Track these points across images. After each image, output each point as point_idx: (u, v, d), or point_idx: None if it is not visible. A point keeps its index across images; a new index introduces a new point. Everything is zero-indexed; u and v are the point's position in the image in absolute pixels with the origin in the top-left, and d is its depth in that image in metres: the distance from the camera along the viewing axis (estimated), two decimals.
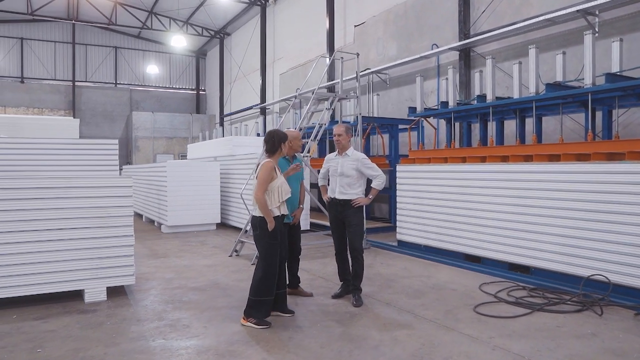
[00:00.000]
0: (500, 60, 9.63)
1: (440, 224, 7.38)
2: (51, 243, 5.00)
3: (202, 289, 5.77)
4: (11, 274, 4.84)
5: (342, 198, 5.23)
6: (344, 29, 15.04)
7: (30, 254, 4.92)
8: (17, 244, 4.86)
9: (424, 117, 8.49)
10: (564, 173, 5.63)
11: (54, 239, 5.01)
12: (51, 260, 5.00)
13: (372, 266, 6.94)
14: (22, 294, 4.90)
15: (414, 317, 4.59)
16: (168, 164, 10.63)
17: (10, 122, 14.71)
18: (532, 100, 6.51)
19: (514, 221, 6.19)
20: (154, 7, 22.58)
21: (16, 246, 4.86)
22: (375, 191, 5.23)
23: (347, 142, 5.38)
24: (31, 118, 17.59)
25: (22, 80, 24.07)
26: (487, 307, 4.87)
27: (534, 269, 6.00)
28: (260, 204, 4.48)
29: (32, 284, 4.93)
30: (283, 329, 4.30)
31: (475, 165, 6.82)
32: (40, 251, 4.95)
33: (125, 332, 4.24)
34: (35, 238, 4.93)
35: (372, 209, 13.07)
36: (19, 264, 4.87)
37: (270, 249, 4.51)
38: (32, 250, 4.92)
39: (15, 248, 4.86)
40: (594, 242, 5.29)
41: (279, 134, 4.70)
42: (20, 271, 4.88)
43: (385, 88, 13.04)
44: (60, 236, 5.04)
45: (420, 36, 11.82)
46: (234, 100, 24.21)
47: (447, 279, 6.11)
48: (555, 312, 4.68)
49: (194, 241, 9.41)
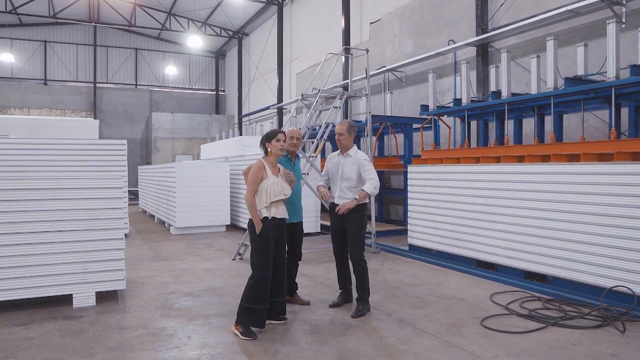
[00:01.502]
0: (520, 56, 9.14)
1: (452, 227, 6.98)
2: (37, 246, 4.83)
3: (196, 294, 5.52)
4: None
5: (341, 202, 4.89)
6: (360, 26, 14.68)
7: (15, 257, 4.75)
8: (1, 247, 4.70)
9: (436, 115, 8.08)
10: (584, 174, 5.18)
11: (40, 241, 4.84)
12: (37, 263, 4.82)
13: (378, 272, 6.59)
14: (5, 298, 4.73)
15: (413, 331, 4.23)
16: (176, 165, 10.49)
17: (32, 124, 14.88)
18: (550, 96, 6.05)
19: (530, 226, 5.75)
20: (173, 8, 22.64)
21: (0, 249, 4.70)
22: (364, 194, 4.71)
23: (350, 142, 5.00)
24: (52, 119, 17.81)
25: (45, 82, 24.48)
26: (496, 320, 4.47)
27: (551, 278, 5.56)
28: (248, 205, 4.27)
29: (16, 288, 4.76)
30: (271, 342, 4.00)
31: (489, 166, 6.40)
32: (25, 254, 4.78)
33: (105, 342, 4.01)
34: (20, 241, 4.77)
35: (388, 211, 12.69)
36: (3, 267, 4.71)
37: (262, 253, 4.25)
38: (17, 254, 4.75)
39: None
40: (617, 250, 4.83)
41: (266, 134, 4.47)
42: (5, 275, 4.71)
43: (401, 86, 12.63)
44: (47, 239, 4.86)
45: (437, 32, 11.38)
46: (252, 100, 24.10)
47: (457, 288, 5.72)
48: (572, 328, 4.25)
49: (200, 243, 9.22)
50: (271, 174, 4.36)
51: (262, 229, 4.22)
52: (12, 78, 23.96)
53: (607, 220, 4.91)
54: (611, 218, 4.88)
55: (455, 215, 6.91)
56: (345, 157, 4.97)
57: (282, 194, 4.36)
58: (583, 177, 5.18)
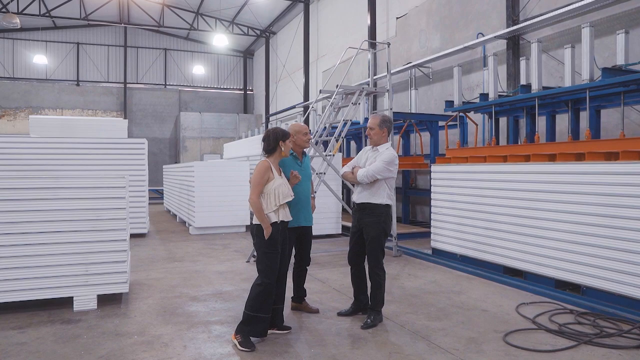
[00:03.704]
0: (554, 48, 8.56)
1: (477, 231, 6.51)
2: (37, 247, 4.68)
3: (202, 299, 5.29)
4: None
5: (360, 201, 4.53)
6: (386, 22, 14.25)
7: (15, 259, 4.62)
8: (1, 248, 4.57)
9: (462, 111, 7.60)
10: (622, 174, 4.65)
11: (41, 242, 4.69)
12: (36, 265, 4.68)
13: (397, 278, 6.21)
14: (3, 300, 4.61)
15: (427, 346, 3.85)
16: (195, 164, 10.35)
17: (63, 124, 15.13)
18: (586, 89, 5.52)
19: (563, 230, 5.25)
20: (200, 8, 22.71)
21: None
22: (348, 175, 4.52)
23: (382, 137, 4.53)
24: (83, 119, 18.08)
25: (77, 83, 25.02)
26: (521, 336, 4.04)
27: (585, 288, 5.05)
28: (255, 209, 3.96)
29: (13, 290, 4.62)
30: (269, 354, 3.70)
31: (518, 165, 5.91)
32: (25, 255, 4.64)
33: (96, 349, 3.80)
34: (20, 241, 4.63)
35: (414, 212, 12.22)
36: (3, 269, 4.58)
37: (269, 259, 3.96)
38: (16, 255, 4.62)
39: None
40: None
41: (277, 132, 4.14)
42: (4, 276, 4.58)
43: (428, 83, 12.15)
44: (48, 240, 4.71)
45: (465, 25, 10.85)
46: (279, 99, 23.95)
47: (480, 297, 5.28)
48: (608, 347, 3.77)
49: (217, 244, 9.02)
50: (277, 175, 4.07)
51: (271, 233, 3.94)
52: (47, 79, 24.59)
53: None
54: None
55: (481, 217, 6.45)
56: (374, 151, 4.59)
57: (289, 196, 4.07)
58: (621, 178, 4.65)
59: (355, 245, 4.56)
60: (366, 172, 4.35)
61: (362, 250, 4.52)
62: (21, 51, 24.23)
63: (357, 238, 4.54)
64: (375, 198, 4.41)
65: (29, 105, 24.19)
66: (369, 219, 4.39)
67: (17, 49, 24.17)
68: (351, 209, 4.79)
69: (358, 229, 4.52)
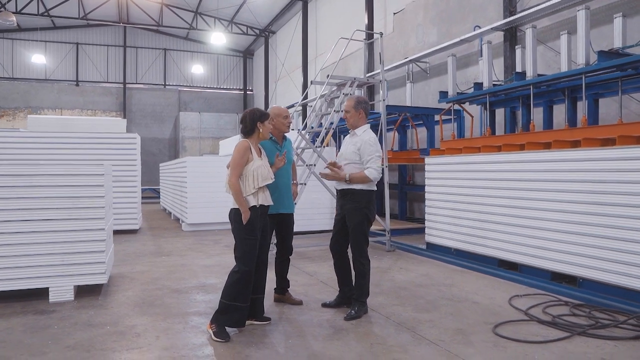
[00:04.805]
0: (552, 39, 8.36)
1: (472, 223, 6.31)
2: (12, 236, 4.52)
3: (184, 291, 5.11)
4: None
5: (341, 188, 4.34)
6: (384, 18, 14.08)
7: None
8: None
9: (457, 102, 7.41)
10: (619, 160, 4.45)
11: (16, 231, 4.52)
12: (11, 254, 4.51)
13: (388, 271, 6.01)
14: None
15: (412, 337, 3.65)
16: (188, 159, 10.19)
17: (63, 123, 15.02)
18: (581, 74, 5.32)
19: (558, 221, 5.05)
20: (199, 7, 22.60)
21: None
22: (361, 176, 4.11)
23: (358, 120, 4.35)
24: (82, 119, 17.99)
25: (77, 84, 24.94)
26: (512, 327, 3.84)
27: (582, 280, 4.85)
28: (233, 191, 3.78)
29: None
30: (244, 345, 3.52)
31: (512, 154, 5.72)
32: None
33: (65, 339, 3.63)
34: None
35: (412, 209, 12.01)
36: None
37: (247, 246, 3.80)
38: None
39: None
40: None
41: (254, 112, 3.97)
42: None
43: (425, 78, 11.95)
44: (22, 228, 4.55)
45: (462, 19, 10.66)
46: (279, 98, 23.78)
47: (472, 289, 5.08)
48: (603, 338, 3.57)
49: (208, 240, 8.85)
50: (257, 156, 3.89)
51: (249, 218, 3.76)
52: (46, 80, 24.52)
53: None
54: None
55: (475, 210, 6.25)
56: (352, 136, 4.40)
57: (269, 178, 3.89)
58: (619, 163, 4.45)
59: (338, 233, 4.37)
60: (374, 170, 4.13)
61: (345, 238, 4.33)
62: (20, 51, 24.19)
63: (340, 225, 4.35)
64: (357, 184, 4.23)
65: (29, 105, 24.13)
66: (350, 205, 4.21)
67: (16, 49, 24.12)
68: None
69: (341, 217, 4.33)
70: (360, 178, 4.15)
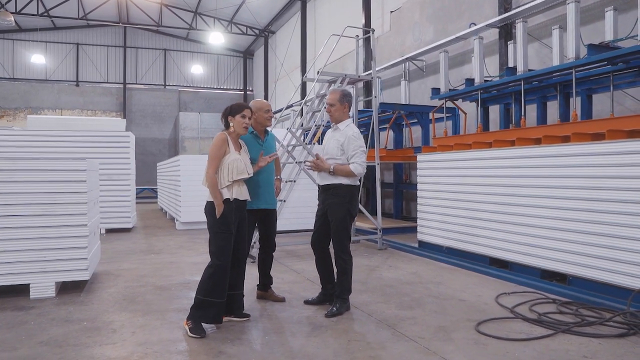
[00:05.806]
0: (547, 35, 8.24)
1: (463, 221, 6.23)
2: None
3: (167, 288, 5.05)
4: None
5: (324, 183, 4.27)
6: (381, 17, 14.02)
7: None
8: None
9: (448, 98, 7.32)
10: (611, 154, 4.36)
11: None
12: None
13: (376, 269, 5.94)
14: None
15: (392, 335, 3.57)
16: (182, 157, 10.14)
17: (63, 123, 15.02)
18: (572, 67, 5.23)
19: (548, 217, 4.96)
20: (198, 8, 22.61)
21: None
22: (345, 169, 4.06)
23: (343, 114, 4.28)
24: (81, 119, 17.98)
25: (77, 84, 24.99)
26: (495, 325, 3.75)
27: (571, 278, 4.76)
28: (209, 183, 3.75)
29: None
30: (220, 341, 3.45)
31: (502, 150, 5.64)
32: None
33: (39, 335, 3.57)
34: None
35: (408, 209, 11.92)
36: None
37: (221, 240, 3.74)
38: None
39: None
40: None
41: (227, 107, 3.93)
42: None
43: (422, 76, 11.87)
44: (3, 224, 4.50)
45: (459, 16, 10.58)
46: (278, 98, 23.75)
47: (460, 287, 4.99)
48: (588, 336, 3.48)
49: (201, 238, 8.78)
50: (234, 150, 3.83)
51: (222, 212, 3.71)
52: (46, 80, 24.57)
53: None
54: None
55: (466, 207, 6.17)
56: (335, 130, 4.33)
57: (245, 172, 3.83)
58: (610, 158, 4.36)
59: (320, 228, 4.29)
60: (359, 166, 4.08)
61: (327, 234, 4.26)
62: (21, 52, 24.25)
63: (322, 221, 4.27)
64: (339, 178, 4.15)
65: (29, 105, 24.18)
66: (332, 200, 4.14)
67: (16, 50, 24.19)
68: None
69: (323, 212, 4.26)
70: (344, 171, 4.09)
